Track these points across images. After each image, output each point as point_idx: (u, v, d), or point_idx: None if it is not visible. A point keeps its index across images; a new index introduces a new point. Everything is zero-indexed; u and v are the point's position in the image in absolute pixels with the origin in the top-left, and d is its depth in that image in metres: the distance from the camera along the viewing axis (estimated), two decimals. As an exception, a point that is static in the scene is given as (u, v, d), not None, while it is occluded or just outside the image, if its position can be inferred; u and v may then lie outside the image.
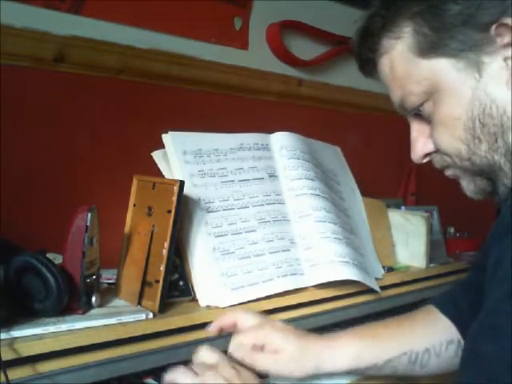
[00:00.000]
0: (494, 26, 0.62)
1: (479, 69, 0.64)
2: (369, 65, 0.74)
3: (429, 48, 0.66)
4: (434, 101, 0.67)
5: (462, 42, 0.64)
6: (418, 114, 0.71)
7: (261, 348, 0.78)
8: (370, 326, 0.87)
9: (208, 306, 0.92)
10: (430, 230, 1.38)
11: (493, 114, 0.64)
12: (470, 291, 0.88)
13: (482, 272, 0.84)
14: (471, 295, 0.87)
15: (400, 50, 0.68)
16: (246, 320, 0.81)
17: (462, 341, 0.84)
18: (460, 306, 0.87)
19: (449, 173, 0.73)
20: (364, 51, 0.73)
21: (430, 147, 0.72)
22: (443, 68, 0.65)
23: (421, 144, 0.73)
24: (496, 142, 0.65)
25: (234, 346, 0.77)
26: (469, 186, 0.71)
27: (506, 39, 0.62)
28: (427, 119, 0.70)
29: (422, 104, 0.69)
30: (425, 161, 0.74)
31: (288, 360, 0.77)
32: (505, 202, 0.68)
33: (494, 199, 0.71)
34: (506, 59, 0.63)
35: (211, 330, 0.82)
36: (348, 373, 0.81)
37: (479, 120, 0.65)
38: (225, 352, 0.77)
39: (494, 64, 0.64)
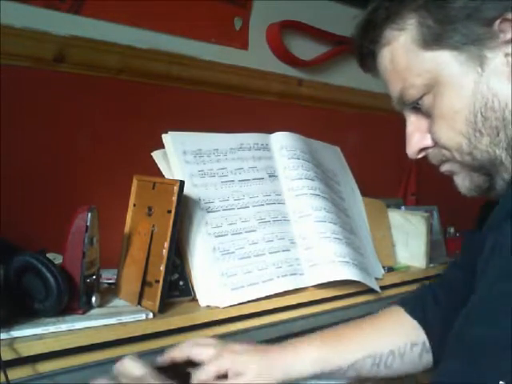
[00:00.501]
0: (497, 22, 0.63)
1: (481, 63, 0.64)
2: (369, 58, 0.73)
3: (432, 40, 0.66)
4: (434, 94, 0.67)
5: (465, 35, 0.64)
6: (416, 108, 0.71)
7: (224, 376, 0.76)
8: (334, 329, 0.86)
9: (208, 306, 0.92)
10: (430, 230, 1.38)
11: (495, 108, 0.64)
12: (444, 291, 0.88)
13: (464, 271, 0.84)
14: (444, 295, 0.88)
15: (403, 42, 0.68)
16: (200, 353, 0.78)
17: (426, 343, 0.84)
18: (428, 307, 0.87)
19: (445, 168, 0.72)
20: (365, 43, 0.72)
21: (427, 142, 0.71)
22: (446, 60, 0.65)
23: (417, 139, 0.72)
24: (498, 135, 0.65)
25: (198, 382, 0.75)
26: (464, 183, 0.71)
27: (508, 35, 0.63)
28: (425, 113, 0.70)
29: (421, 97, 0.68)
30: (420, 156, 0.73)
31: (254, 379, 0.76)
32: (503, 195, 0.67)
33: (489, 196, 0.71)
34: (506, 55, 0.63)
35: (161, 361, 0.78)
36: (312, 377, 0.81)
37: (481, 113, 0.65)
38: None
39: (496, 59, 0.64)
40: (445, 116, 0.67)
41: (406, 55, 0.68)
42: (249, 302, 0.94)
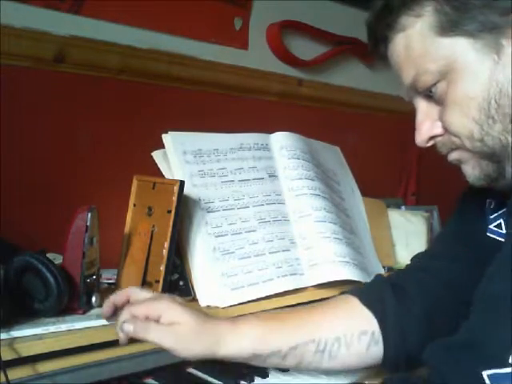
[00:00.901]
0: None
1: (498, 51, 0.64)
2: (382, 44, 0.73)
3: (449, 27, 0.66)
4: (448, 81, 0.67)
5: (481, 23, 0.64)
6: (427, 96, 0.70)
7: (155, 320, 0.71)
8: (279, 311, 0.82)
9: (208, 306, 0.92)
10: (430, 230, 1.38)
11: (509, 95, 0.64)
12: (412, 285, 0.83)
13: (453, 262, 0.83)
14: (414, 288, 0.83)
15: (419, 29, 0.68)
16: (140, 294, 0.75)
17: (376, 334, 0.79)
18: (386, 299, 0.81)
19: (453, 157, 0.72)
20: (380, 28, 0.72)
21: (437, 130, 0.71)
22: (462, 47, 0.66)
23: (427, 126, 0.72)
24: (511, 122, 0.65)
25: (125, 317, 0.70)
26: (473, 171, 0.70)
27: None
28: (437, 101, 0.70)
29: (435, 84, 0.68)
30: (429, 144, 0.73)
31: (186, 332, 0.70)
32: None
33: (497, 185, 0.71)
34: None
35: (105, 313, 0.75)
36: (250, 359, 0.75)
37: (495, 100, 0.65)
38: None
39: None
40: (458, 102, 0.67)
41: (422, 42, 0.68)
42: (249, 302, 0.94)
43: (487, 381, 0.57)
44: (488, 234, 0.79)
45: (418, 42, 0.68)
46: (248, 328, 0.75)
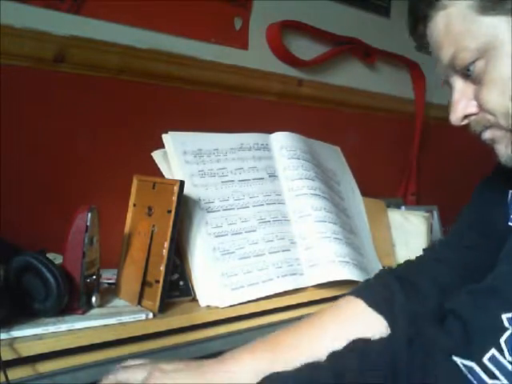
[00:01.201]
0: None
1: None
2: (421, 23, 0.73)
3: (490, 6, 0.66)
4: (486, 59, 0.67)
5: None
6: (464, 75, 0.71)
7: None
8: (277, 335, 0.76)
9: (208, 306, 0.92)
10: (430, 230, 1.39)
11: None
12: (424, 280, 0.81)
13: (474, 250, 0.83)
14: (426, 283, 0.81)
15: (460, 7, 0.68)
16: (128, 378, 0.70)
17: (384, 336, 0.74)
18: (395, 298, 0.78)
19: (487, 136, 0.72)
20: (421, 7, 0.71)
21: (472, 109, 0.72)
22: (502, 26, 0.66)
23: (462, 105, 0.72)
24: None
25: None
26: (507, 150, 0.71)
27: None
28: (474, 79, 0.70)
29: (473, 62, 0.68)
30: (463, 123, 0.73)
31: None
32: None
33: None
34: None
35: None
36: None
37: None
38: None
39: None
40: (497, 81, 0.67)
41: (462, 20, 0.68)
42: (249, 302, 0.94)
43: (506, 323, 0.60)
44: (510, 223, 0.79)
45: (459, 20, 0.68)
46: (246, 367, 0.70)
